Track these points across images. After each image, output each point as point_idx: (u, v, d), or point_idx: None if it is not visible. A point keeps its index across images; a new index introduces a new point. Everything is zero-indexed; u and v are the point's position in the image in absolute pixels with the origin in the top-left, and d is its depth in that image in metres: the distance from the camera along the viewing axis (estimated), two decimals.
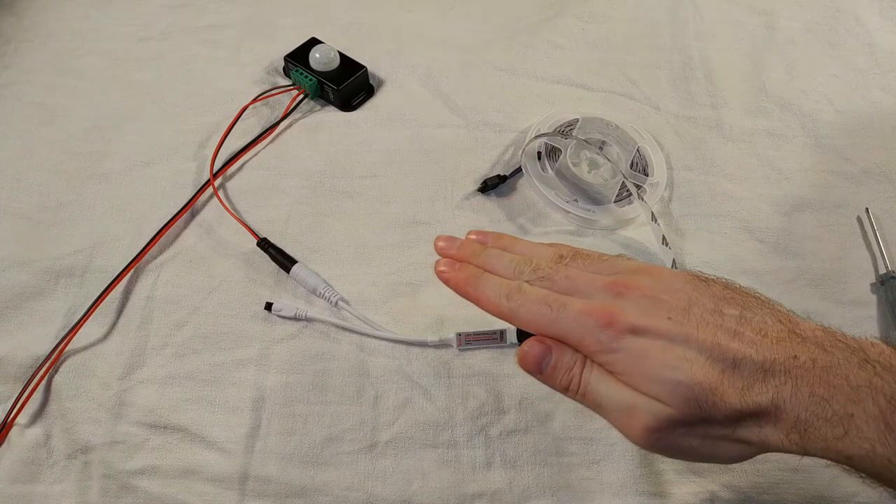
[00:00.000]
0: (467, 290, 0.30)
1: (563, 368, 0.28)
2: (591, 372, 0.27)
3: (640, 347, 0.26)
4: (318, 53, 0.49)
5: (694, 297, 0.27)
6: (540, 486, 0.36)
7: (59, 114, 0.50)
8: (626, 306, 0.27)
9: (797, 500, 0.35)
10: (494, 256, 0.31)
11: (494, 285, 0.29)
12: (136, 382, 0.38)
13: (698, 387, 0.25)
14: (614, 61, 0.56)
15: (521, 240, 0.33)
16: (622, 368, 0.26)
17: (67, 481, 0.35)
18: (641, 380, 0.26)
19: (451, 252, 0.32)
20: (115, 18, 0.57)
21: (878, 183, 0.48)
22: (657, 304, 0.27)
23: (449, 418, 0.37)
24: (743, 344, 0.25)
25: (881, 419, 0.23)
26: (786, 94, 0.54)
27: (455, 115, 0.51)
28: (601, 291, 0.28)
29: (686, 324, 0.26)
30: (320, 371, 0.38)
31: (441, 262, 0.31)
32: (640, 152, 0.48)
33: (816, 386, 0.24)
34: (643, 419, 0.26)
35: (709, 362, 0.25)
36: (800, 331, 0.26)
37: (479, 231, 0.34)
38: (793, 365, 0.25)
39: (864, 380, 0.24)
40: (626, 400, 0.26)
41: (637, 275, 0.29)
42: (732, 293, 0.28)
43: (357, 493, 0.35)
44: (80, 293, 0.41)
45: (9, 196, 0.45)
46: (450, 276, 0.31)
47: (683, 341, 0.25)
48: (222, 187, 0.46)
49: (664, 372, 0.25)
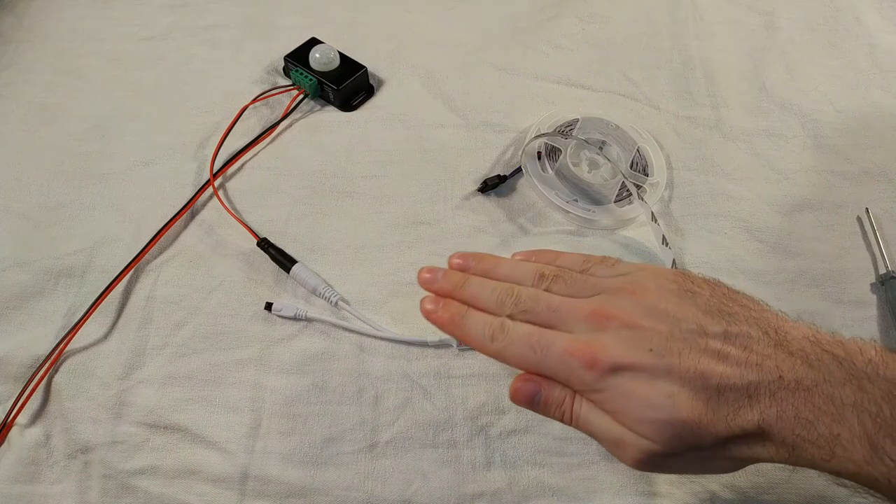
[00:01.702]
0: (453, 330, 0.31)
1: (553, 404, 0.28)
2: (580, 405, 0.28)
3: (623, 386, 0.26)
4: (318, 53, 0.49)
5: (678, 316, 0.27)
6: (540, 486, 0.36)
7: (59, 114, 0.50)
8: (608, 342, 0.27)
9: (797, 500, 0.35)
10: (477, 287, 0.31)
11: (479, 325, 0.30)
12: (136, 382, 0.38)
13: (682, 424, 0.25)
14: (614, 61, 0.56)
15: (502, 261, 0.33)
16: (609, 407, 0.27)
17: (67, 481, 0.35)
18: (627, 419, 0.26)
19: (435, 286, 0.32)
20: (115, 18, 0.57)
21: (878, 183, 0.48)
22: (639, 334, 0.27)
23: (449, 418, 0.37)
24: (727, 366, 0.25)
25: (867, 440, 0.23)
26: (786, 94, 0.54)
27: (455, 115, 0.51)
28: (583, 323, 0.28)
29: (668, 354, 0.26)
30: (320, 371, 0.38)
31: (426, 300, 0.32)
32: (640, 152, 0.48)
33: (801, 408, 0.24)
34: (632, 452, 0.26)
35: (692, 394, 0.25)
36: (786, 342, 0.26)
37: (461, 254, 0.34)
38: (777, 387, 0.25)
39: (850, 398, 0.24)
40: (615, 433, 0.27)
41: (618, 296, 0.28)
42: (719, 301, 0.28)
43: (357, 493, 0.35)
44: (80, 293, 0.41)
45: (9, 196, 0.45)
46: (435, 317, 0.31)
47: (666, 374, 0.26)
48: (222, 187, 0.46)
49: (647, 413, 0.25)
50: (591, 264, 0.32)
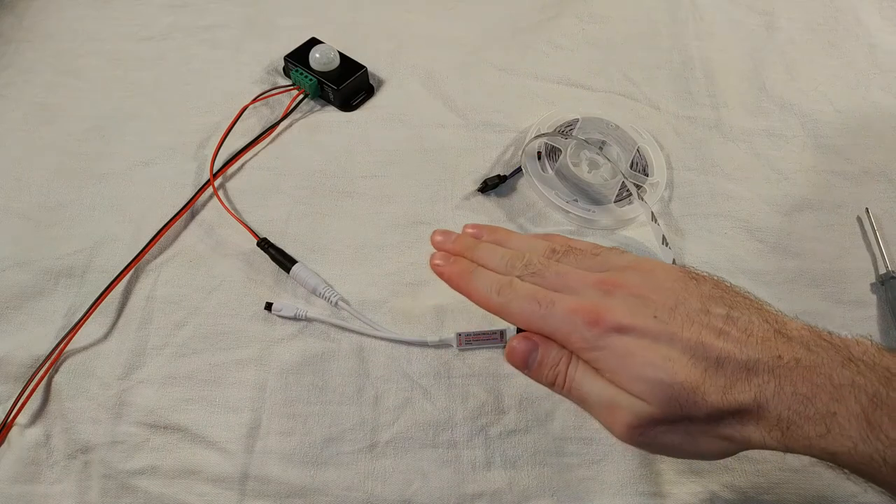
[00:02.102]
0: (460, 283, 0.31)
1: (548, 364, 0.28)
2: (576, 368, 0.28)
3: (624, 346, 0.26)
4: (318, 53, 0.49)
5: (682, 295, 0.27)
6: (540, 486, 0.36)
7: (59, 114, 0.50)
8: (614, 304, 0.27)
9: (797, 500, 0.35)
10: (488, 251, 0.32)
11: (486, 280, 0.30)
12: (136, 382, 0.38)
13: (679, 386, 0.25)
14: (614, 61, 0.56)
15: (515, 233, 0.34)
16: (606, 366, 0.27)
17: (67, 481, 0.35)
18: (624, 378, 0.26)
19: (446, 246, 0.33)
20: (115, 18, 0.57)
21: (878, 183, 0.48)
22: (644, 302, 0.27)
23: (449, 418, 0.37)
24: (728, 342, 0.26)
25: (863, 417, 0.23)
26: (786, 94, 0.54)
27: (455, 115, 0.51)
28: (590, 289, 0.28)
29: (671, 323, 0.26)
30: (320, 371, 0.38)
31: (436, 255, 0.32)
32: (640, 152, 0.48)
33: (799, 385, 0.24)
34: (625, 416, 0.26)
35: (692, 361, 0.25)
36: (786, 330, 0.26)
37: (475, 225, 0.34)
38: (776, 364, 0.25)
39: (847, 378, 0.24)
40: (609, 397, 0.27)
41: (627, 272, 0.29)
42: (722, 292, 0.28)
43: (357, 493, 0.35)
44: (80, 293, 0.41)
45: (9, 196, 0.45)
46: (444, 269, 0.32)
47: (668, 340, 0.26)
48: (222, 187, 0.46)
49: (646, 371, 0.26)
50: (602, 251, 0.32)
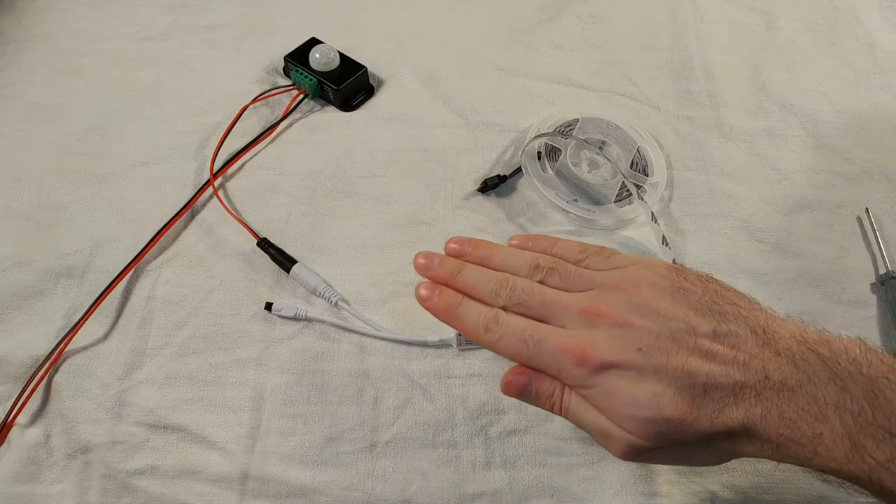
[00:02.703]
0: (447, 318, 0.31)
1: (544, 396, 0.29)
2: (570, 398, 0.29)
3: (611, 384, 0.27)
4: (318, 53, 0.49)
5: (668, 315, 0.28)
6: (540, 486, 0.36)
7: (59, 114, 0.50)
8: (598, 340, 0.27)
9: (797, 500, 0.35)
10: (472, 276, 0.31)
11: (472, 314, 0.30)
12: (136, 382, 0.38)
13: (665, 422, 0.26)
14: (614, 61, 0.56)
15: (497, 249, 0.33)
16: (597, 402, 0.27)
17: (67, 481, 0.35)
18: (614, 415, 0.27)
19: (430, 273, 0.32)
20: (115, 18, 0.57)
21: (878, 183, 0.48)
22: (628, 333, 0.27)
23: (449, 418, 0.37)
24: (715, 365, 0.26)
25: (848, 439, 0.24)
26: (786, 94, 0.54)
27: (455, 115, 0.51)
28: (576, 319, 0.29)
29: (656, 354, 0.27)
30: (320, 371, 0.38)
31: (421, 286, 0.32)
32: (640, 152, 0.48)
33: (785, 409, 0.25)
34: (618, 445, 0.27)
35: (678, 392, 0.26)
36: (774, 341, 0.26)
37: (458, 240, 0.34)
38: (763, 387, 0.25)
39: (833, 398, 0.24)
40: (602, 427, 0.27)
41: (611, 294, 0.29)
42: (711, 299, 0.28)
43: (357, 493, 0.35)
44: (80, 293, 0.41)
45: (9, 196, 0.45)
46: (430, 304, 0.31)
47: (653, 373, 0.26)
48: (222, 187, 0.46)
49: (633, 409, 0.26)
50: (587, 255, 0.32)
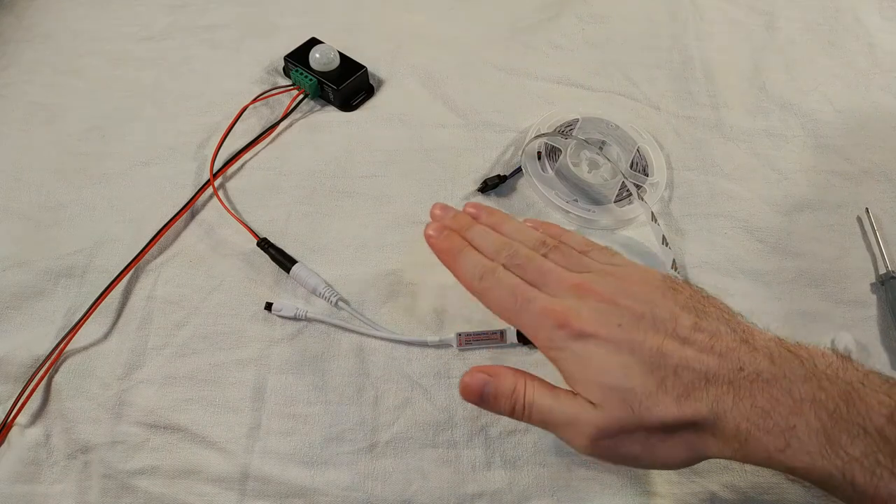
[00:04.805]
0: (447, 259, 0.32)
1: (504, 394, 0.29)
2: (533, 390, 0.28)
3: (584, 351, 0.27)
4: (318, 53, 0.49)
5: (655, 303, 0.28)
6: (540, 486, 0.36)
7: (59, 114, 0.50)
8: (583, 310, 0.28)
9: (797, 500, 0.35)
10: (480, 233, 0.33)
11: (472, 262, 0.31)
12: (136, 382, 0.38)
13: (631, 392, 0.26)
14: (614, 61, 0.56)
15: (511, 220, 0.34)
16: (565, 367, 0.27)
17: (67, 481, 0.35)
18: (580, 382, 0.27)
19: (444, 221, 0.34)
20: (115, 18, 0.57)
21: (878, 183, 0.48)
22: (613, 310, 0.28)
23: (449, 418, 0.37)
24: (689, 350, 0.26)
25: (822, 433, 0.23)
26: (786, 94, 0.54)
27: (455, 115, 0.51)
28: (565, 291, 0.29)
29: (635, 332, 0.27)
30: (320, 371, 0.39)
31: (431, 225, 0.33)
32: (640, 152, 0.48)
33: (758, 397, 0.25)
34: (585, 429, 0.26)
35: (648, 369, 0.26)
36: (752, 340, 0.26)
37: (476, 205, 0.35)
38: (736, 376, 0.25)
39: (808, 393, 0.24)
40: (568, 412, 0.27)
41: (606, 278, 0.29)
42: (696, 302, 0.28)
43: (357, 493, 0.35)
44: (80, 293, 0.41)
45: (9, 196, 0.45)
46: (435, 242, 0.32)
47: (628, 349, 0.26)
48: (222, 187, 0.46)
49: (601, 376, 0.26)
50: (592, 249, 0.33)
